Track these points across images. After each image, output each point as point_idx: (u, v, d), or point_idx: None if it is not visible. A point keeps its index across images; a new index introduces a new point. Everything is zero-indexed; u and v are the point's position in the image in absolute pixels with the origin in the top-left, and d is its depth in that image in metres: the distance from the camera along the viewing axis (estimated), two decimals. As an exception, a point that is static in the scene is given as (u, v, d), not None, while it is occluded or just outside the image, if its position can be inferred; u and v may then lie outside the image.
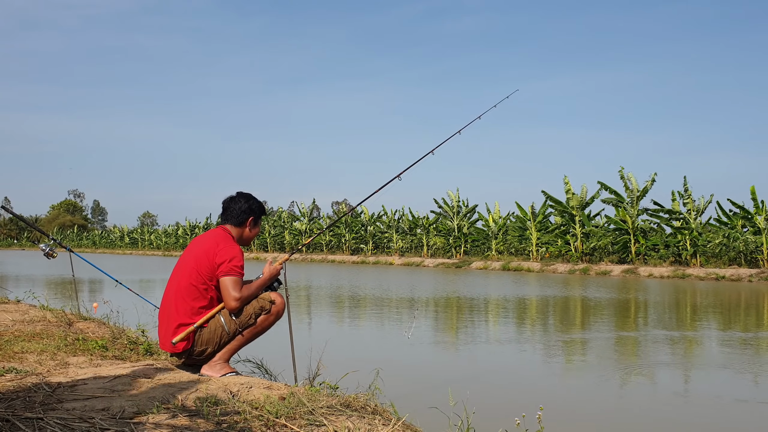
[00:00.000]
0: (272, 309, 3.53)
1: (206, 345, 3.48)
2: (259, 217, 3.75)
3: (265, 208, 3.88)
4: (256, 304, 3.51)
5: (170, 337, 3.48)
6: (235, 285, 3.42)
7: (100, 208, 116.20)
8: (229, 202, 3.74)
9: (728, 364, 6.88)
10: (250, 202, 3.72)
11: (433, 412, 3.34)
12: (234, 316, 3.47)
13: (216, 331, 3.46)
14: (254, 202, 3.75)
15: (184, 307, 3.47)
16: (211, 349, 3.49)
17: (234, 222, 3.69)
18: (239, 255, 3.52)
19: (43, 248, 6.37)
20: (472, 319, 10.90)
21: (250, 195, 3.77)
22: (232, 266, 3.44)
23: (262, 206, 3.79)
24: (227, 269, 3.44)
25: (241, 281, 3.48)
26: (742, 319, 11.29)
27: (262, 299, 3.53)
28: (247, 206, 3.70)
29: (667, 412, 4.96)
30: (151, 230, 71.61)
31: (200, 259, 3.50)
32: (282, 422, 2.61)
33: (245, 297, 3.45)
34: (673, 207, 25.09)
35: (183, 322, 3.46)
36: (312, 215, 48.14)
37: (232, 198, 3.74)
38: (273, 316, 3.54)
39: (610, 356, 7.33)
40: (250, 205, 3.71)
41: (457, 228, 34.74)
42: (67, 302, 8.56)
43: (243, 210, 3.69)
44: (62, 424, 2.43)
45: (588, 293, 15.93)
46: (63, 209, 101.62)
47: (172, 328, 3.48)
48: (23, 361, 3.79)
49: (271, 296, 3.55)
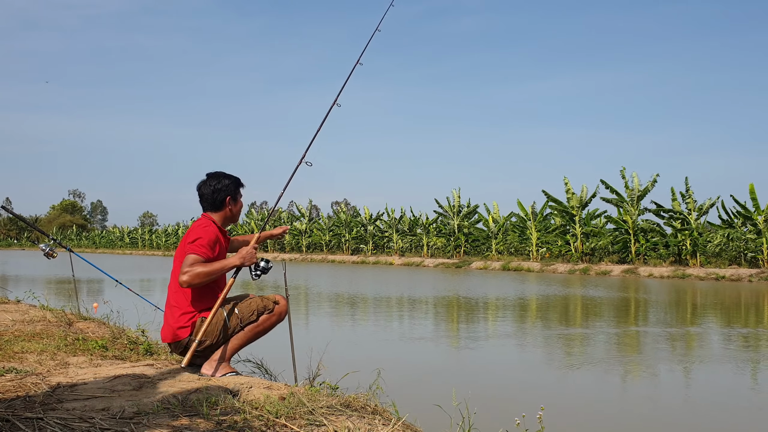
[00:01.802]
0: (275, 309, 3.55)
1: (206, 336, 3.48)
2: (236, 192, 3.69)
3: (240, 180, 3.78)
4: (260, 303, 3.53)
5: (172, 326, 3.50)
6: (191, 261, 3.37)
7: (101, 208, 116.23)
8: (200, 187, 3.70)
9: (728, 362, 6.87)
10: (221, 182, 3.67)
11: (434, 412, 3.33)
12: (237, 311, 3.46)
13: (217, 324, 3.47)
14: (223, 180, 3.68)
15: (182, 297, 3.50)
16: (210, 341, 3.48)
17: (212, 208, 3.67)
18: (205, 236, 3.48)
19: (43, 248, 6.37)
20: (472, 318, 10.89)
21: (220, 174, 3.71)
22: (194, 246, 3.42)
23: (235, 180, 3.71)
24: (189, 249, 3.43)
25: (199, 259, 3.40)
26: (742, 318, 11.29)
27: (266, 299, 3.56)
28: (219, 186, 3.65)
29: (668, 411, 4.96)
30: (151, 230, 71.59)
31: (181, 249, 3.54)
32: (282, 422, 2.61)
33: (198, 272, 3.33)
34: (674, 207, 25.09)
35: (186, 310, 3.49)
36: (311, 215, 48.16)
37: (203, 182, 3.70)
38: (275, 316, 3.56)
39: (610, 356, 7.33)
40: (222, 185, 3.66)
41: (457, 228, 34.74)
42: (67, 302, 8.56)
43: (216, 191, 3.65)
44: (62, 424, 2.42)
45: (588, 293, 15.92)
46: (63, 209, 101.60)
47: (176, 316, 3.51)
48: (23, 361, 3.78)
49: (275, 297, 3.59)
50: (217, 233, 3.59)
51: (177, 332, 3.50)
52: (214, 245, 3.53)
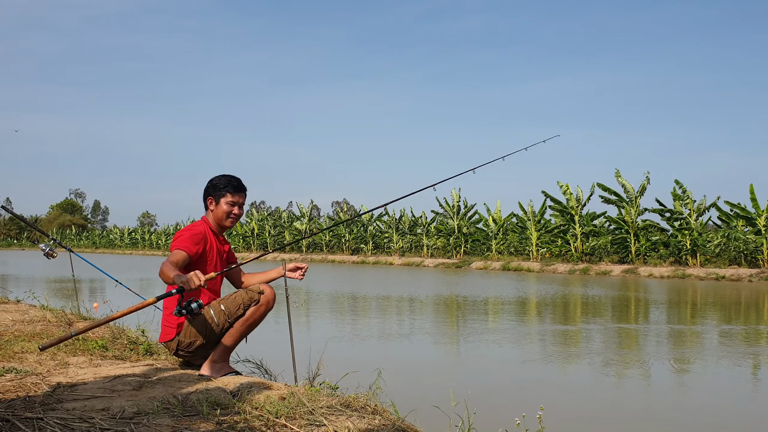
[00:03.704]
0: (261, 299, 3.48)
1: (194, 338, 3.47)
2: (217, 194, 3.68)
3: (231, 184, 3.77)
4: (245, 296, 3.47)
5: (163, 326, 3.53)
6: (168, 257, 3.40)
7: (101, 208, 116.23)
8: None
9: (728, 360, 6.87)
10: (208, 183, 3.74)
11: (433, 412, 3.33)
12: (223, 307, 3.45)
13: (204, 323, 3.45)
14: (211, 181, 3.74)
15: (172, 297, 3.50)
16: (200, 341, 3.47)
17: (205, 208, 3.76)
18: (187, 231, 3.52)
19: (43, 248, 6.37)
20: (472, 318, 10.89)
21: (216, 176, 3.76)
22: (176, 243, 3.46)
23: (220, 182, 3.70)
24: (172, 246, 3.48)
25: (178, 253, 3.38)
26: (742, 316, 11.29)
27: (251, 291, 3.49)
28: (206, 189, 3.74)
29: (668, 411, 4.96)
30: (150, 230, 71.57)
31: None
32: (282, 422, 2.61)
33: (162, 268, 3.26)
34: (674, 207, 25.09)
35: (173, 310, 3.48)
36: (311, 215, 48.14)
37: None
38: (263, 306, 3.49)
39: (610, 356, 7.33)
40: (207, 186, 3.74)
41: (457, 228, 34.74)
42: (67, 302, 8.56)
43: (204, 193, 3.75)
44: (62, 424, 2.42)
45: (588, 292, 15.92)
46: (63, 209, 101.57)
47: (165, 316, 3.56)
48: (23, 361, 3.79)
49: (260, 287, 3.51)
50: (204, 231, 3.59)
51: (167, 332, 3.53)
52: (198, 241, 3.50)
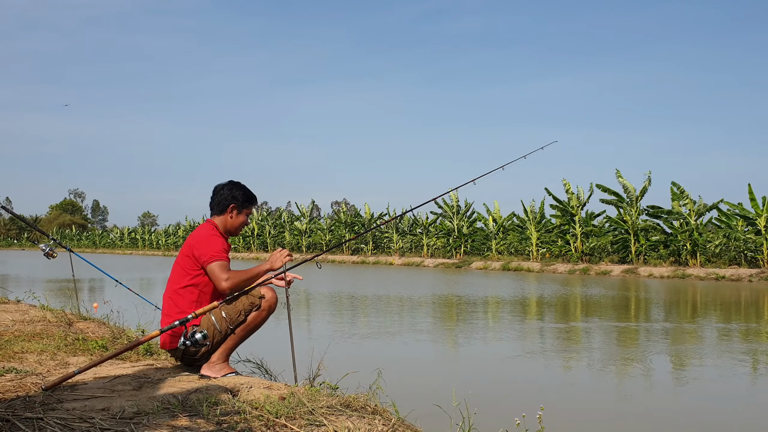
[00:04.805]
0: (263, 304, 3.46)
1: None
2: (243, 205, 3.68)
3: (255, 199, 3.81)
4: (246, 301, 3.45)
5: (167, 334, 3.48)
6: (221, 268, 3.41)
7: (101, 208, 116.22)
8: (216, 189, 3.73)
9: (728, 359, 6.87)
10: (234, 190, 3.69)
11: (434, 412, 3.33)
12: (224, 313, 3.44)
13: (208, 330, 3.43)
14: (238, 189, 3.70)
15: (176, 304, 3.49)
16: (205, 348, 3.47)
17: (217, 211, 3.68)
18: (219, 242, 3.52)
19: (43, 248, 6.36)
20: (472, 318, 10.90)
21: (238, 184, 3.73)
22: (213, 253, 3.44)
23: (248, 195, 3.72)
24: (209, 257, 3.44)
25: (227, 265, 3.45)
26: (742, 316, 11.29)
27: (251, 295, 3.46)
28: (230, 194, 3.67)
29: (668, 410, 4.96)
30: (151, 230, 71.57)
31: (185, 256, 3.54)
32: (282, 422, 2.61)
33: (236, 279, 3.40)
34: (673, 208, 25.08)
35: (176, 318, 3.46)
36: (312, 215, 48.14)
37: (220, 185, 3.73)
38: (265, 311, 3.48)
39: (610, 356, 7.33)
40: (233, 193, 3.68)
41: (457, 228, 34.74)
42: (67, 302, 8.57)
43: (225, 197, 3.67)
44: (62, 424, 2.42)
45: (588, 292, 15.93)
46: (63, 209, 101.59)
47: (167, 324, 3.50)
48: (23, 361, 3.79)
49: (261, 291, 3.47)
50: (223, 240, 3.61)
51: (173, 341, 3.49)
52: (228, 250, 3.57)
